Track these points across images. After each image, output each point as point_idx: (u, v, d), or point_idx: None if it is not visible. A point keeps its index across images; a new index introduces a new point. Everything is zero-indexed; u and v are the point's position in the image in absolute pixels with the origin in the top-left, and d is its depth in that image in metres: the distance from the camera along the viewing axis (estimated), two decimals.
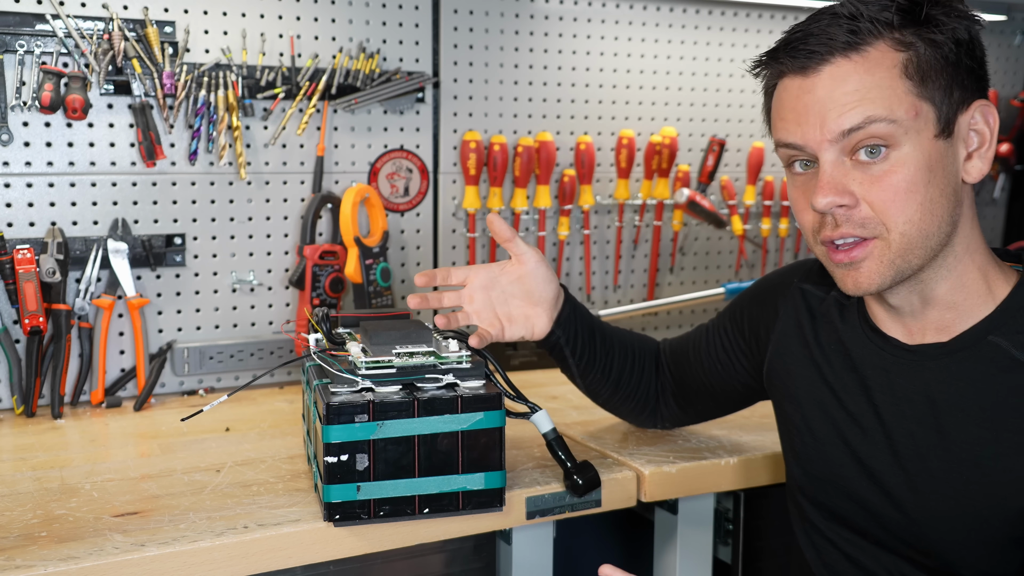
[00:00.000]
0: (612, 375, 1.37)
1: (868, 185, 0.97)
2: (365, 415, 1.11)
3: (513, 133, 1.96)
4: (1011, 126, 2.46)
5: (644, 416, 1.43)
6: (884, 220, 0.97)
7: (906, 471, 1.04)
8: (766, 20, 2.17)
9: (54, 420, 1.56)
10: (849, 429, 1.10)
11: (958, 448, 1.00)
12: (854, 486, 1.10)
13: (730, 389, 1.33)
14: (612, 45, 2.03)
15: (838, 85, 0.97)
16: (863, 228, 0.98)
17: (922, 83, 0.96)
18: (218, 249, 1.74)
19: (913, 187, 0.96)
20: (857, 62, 0.96)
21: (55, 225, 1.61)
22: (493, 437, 1.15)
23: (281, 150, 1.76)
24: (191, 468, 1.32)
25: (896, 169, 0.96)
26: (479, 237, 1.95)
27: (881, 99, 0.95)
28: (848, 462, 1.11)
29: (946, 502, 1.01)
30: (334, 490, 1.11)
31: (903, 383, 1.05)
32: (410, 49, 1.84)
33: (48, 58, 1.57)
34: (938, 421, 1.02)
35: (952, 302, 1.02)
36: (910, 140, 0.96)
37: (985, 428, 0.99)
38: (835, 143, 0.97)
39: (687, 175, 2.08)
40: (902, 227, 0.97)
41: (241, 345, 1.75)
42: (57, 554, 1.03)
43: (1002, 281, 1.03)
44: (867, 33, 0.96)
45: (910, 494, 1.04)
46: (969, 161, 1.00)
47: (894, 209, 0.97)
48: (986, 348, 1.00)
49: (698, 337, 1.37)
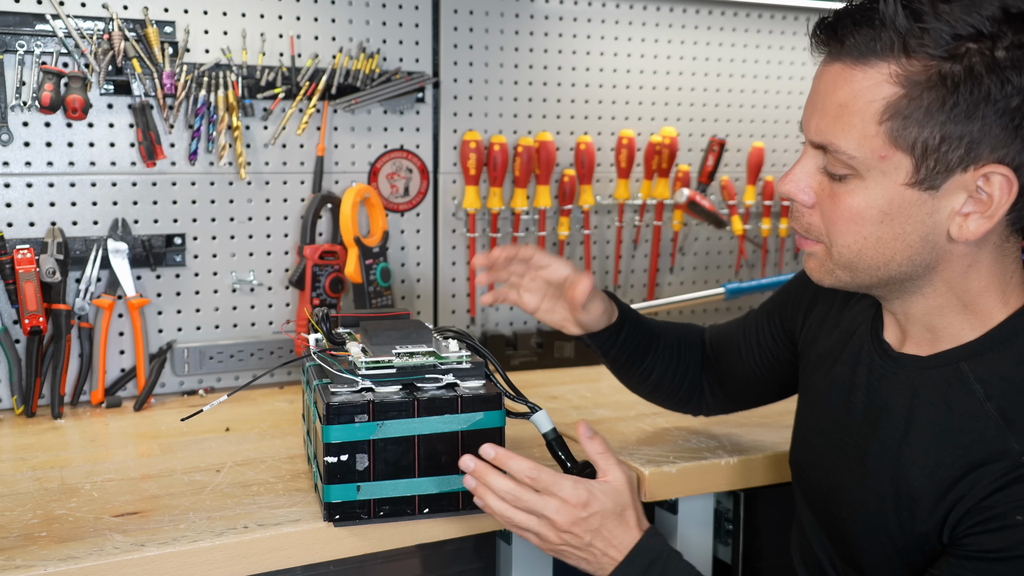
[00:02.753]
0: (652, 379, 1.37)
1: (825, 197, 0.98)
2: (365, 415, 1.11)
3: (513, 133, 1.96)
4: None
5: (688, 408, 1.43)
6: (828, 234, 0.98)
7: (850, 472, 1.05)
8: (766, 20, 2.17)
9: (54, 420, 1.56)
10: (825, 422, 1.12)
11: (888, 460, 1.00)
12: (813, 476, 1.13)
13: (780, 376, 1.32)
14: (612, 45, 2.03)
15: (830, 90, 0.94)
16: (807, 232, 1.01)
17: (917, 126, 0.89)
18: (218, 249, 1.74)
19: (859, 220, 0.94)
20: (852, 75, 0.91)
21: (55, 225, 1.61)
22: (493, 437, 1.15)
23: (281, 150, 1.76)
24: (191, 468, 1.32)
25: (849, 195, 0.94)
26: (479, 237, 1.95)
27: (845, 131, 0.92)
28: (813, 452, 1.14)
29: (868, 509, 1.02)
30: (334, 490, 1.11)
31: (877, 386, 1.06)
32: (410, 49, 1.84)
33: (48, 58, 1.57)
34: (882, 430, 1.02)
35: (931, 324, 1.01)
36: (874, 178, 0.93)
37: (914, 448, 0.98)
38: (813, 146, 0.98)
39: (687, 175, 2.08)
40: (839, 247, 0.98)
41: (241, 345, 1.75)
42: (57, 554, 1.03)
43: (1000, 310, 0.98)
44: (879, 49, 0.89)
45: (846, 495, 1.05)
46: (965, 219, 0.92)
47: (834, 230, 0.97)
48: (954, 373, 0.98)
49: (748, 324, 1.35)
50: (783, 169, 2.23)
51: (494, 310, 1.99)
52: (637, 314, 1.35)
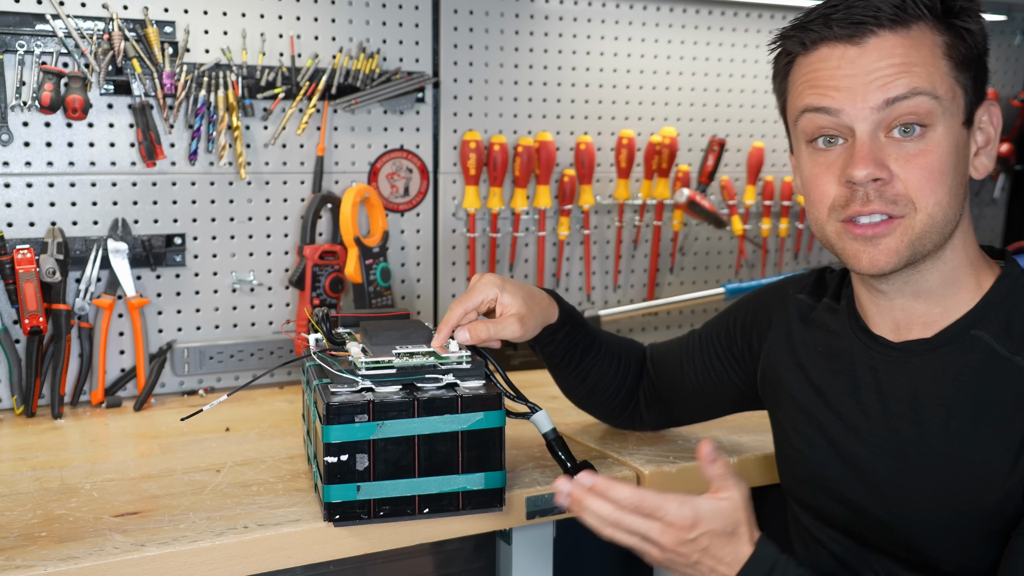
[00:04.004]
0: (587, 383, 1.37)
1: (903, 162, 0.97)
2: (365, 415, 1.10)
3: (513, 133, 1.96)
4: (1011, 126, 2.46)
5: (621, 419, 1.44)
6: (915, 199, 0.97)
7: (889, 467, 1.05)
8: (766, 20, 2.17)
9: (54, 420, 1.56)
10: (835, 429, 1.11)
11: (937, 442, 1.01)
12: (838, 486, 1.11)
13: (721, 395, 1.34)
14: (612, 45, 2.03)
15: (884, 56, 0.97)
16: (894, 206, 0.98)
17: (958, 68, 0.98)
18: (218, 249, 1.74)
19: (944, 170, 0.97)
20: (903, 36, 0.97)
21: (55, 225, 1.61)
22: (493, 437, 1.15)
23: (281, 150, 1.76)
24: (191, 468, 1.32)
25: (931, 149, 0.97)
26: (479, 237, 1.95)
27: (926, 75, 0.97)
28: (832, 462, 1.11)
29: (924, 496, 1.02)
30: (334, 490, 1.11)
31: (889, 380, 1.06)
32: (410, 49, 1.84)
33: (48, 58, 1.57)
34: (920, 416, 1.03)
35: (941, 295, 1.03)
36: (944, 122, 0.97)
37: (964, 422, 0.99)
38: (876, 112, 0.97)
39: (687, 175, 2.08)
40: (931, 208, 0.97)
41: (241, 345, 1.75)
42: (57, 554, 1.03)
43: (988, 275, 1.05)
44: (912, 12, 0.97)
45: (893, 490, 1.05)
46: (977, 157, 1.03)
47: (927, 189, 0.97)
48: (969, 342, 1.01)
49: (691, 343, 1.37)
50: (783, 169, 2.23)
51: None
52: (580, 316, 1.35)
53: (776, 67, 1.08)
